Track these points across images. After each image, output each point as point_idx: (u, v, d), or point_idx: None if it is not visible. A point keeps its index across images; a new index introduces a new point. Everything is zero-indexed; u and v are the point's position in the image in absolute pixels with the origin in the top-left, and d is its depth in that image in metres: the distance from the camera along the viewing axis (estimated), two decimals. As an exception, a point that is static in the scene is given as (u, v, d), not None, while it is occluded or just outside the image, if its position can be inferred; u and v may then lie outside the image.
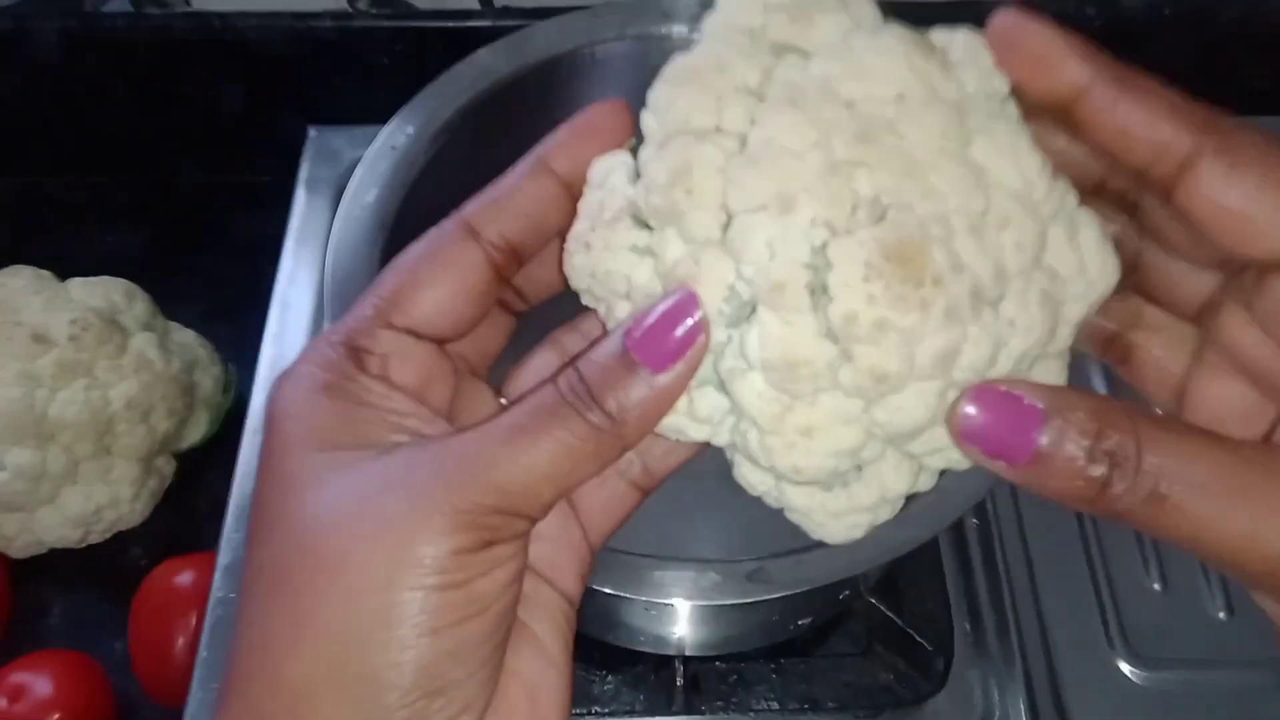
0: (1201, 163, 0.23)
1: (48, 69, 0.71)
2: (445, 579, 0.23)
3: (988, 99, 0.24)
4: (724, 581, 0.40)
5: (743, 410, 0.24)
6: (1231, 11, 0.69)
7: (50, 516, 0.60)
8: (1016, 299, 0.23)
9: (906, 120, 0.23)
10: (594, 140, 0.27)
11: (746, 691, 0.51)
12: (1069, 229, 0.24)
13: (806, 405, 0.23)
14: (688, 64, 0.26)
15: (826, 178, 0.23)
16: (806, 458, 0.24)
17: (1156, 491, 0.21)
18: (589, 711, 0.50)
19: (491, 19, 0.69)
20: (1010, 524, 0.56)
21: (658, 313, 0.24)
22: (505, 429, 0.24)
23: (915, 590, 0.52)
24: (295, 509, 0.24)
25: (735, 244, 0.23)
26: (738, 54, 0.25)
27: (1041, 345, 0.24)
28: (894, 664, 0.51)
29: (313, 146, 0.70)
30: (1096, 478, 0.21)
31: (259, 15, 0.69)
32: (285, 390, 0.26)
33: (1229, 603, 0.53)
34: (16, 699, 0.55)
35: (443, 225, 0.27)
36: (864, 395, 0.23)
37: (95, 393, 0.59)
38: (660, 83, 0.26)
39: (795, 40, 0.25)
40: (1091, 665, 0.51)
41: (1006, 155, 0.24)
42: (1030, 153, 0.24)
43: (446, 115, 0.52)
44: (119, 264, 0.66)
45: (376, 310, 0.26)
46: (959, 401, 0.23)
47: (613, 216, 0.25)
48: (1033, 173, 0.24)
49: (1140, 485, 0.21)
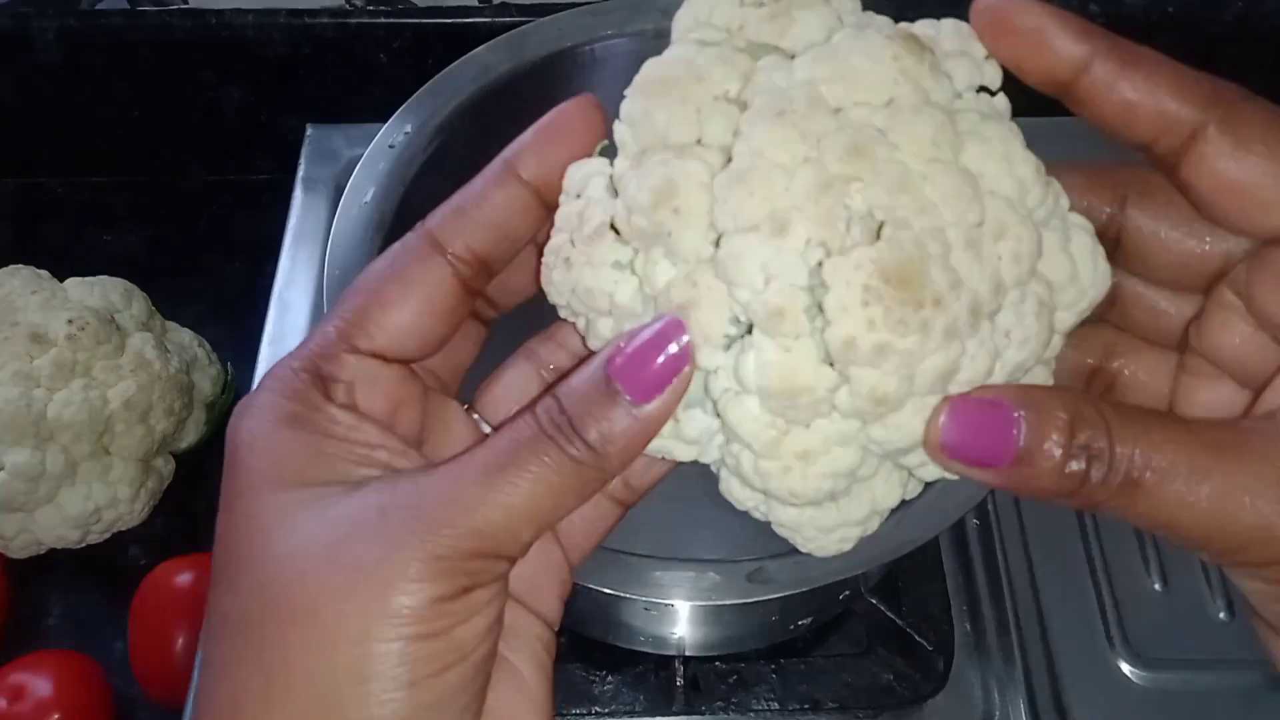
0: (1207, 136, 0.22)
1: (45, 68, 0.71)
2: (423, 629, 0.22)
3: (978, 97, 0.24)
4: (724, 581, 0.40)
5: (736, 434, 0.23)
6: (1231, 11, 0.69)
7: (49, 517, 0.60)
8: (1013, 310, 0.23)
9: (898, 129, 0.22)
10: (564, 143, 0.26)
11: (746, 691, 0.51)
12: (1062, 235, 0.24)
13: (802, 429, 0.23)
14: (661, 72, 0.24)
15: (819, 195, 0.22)
16: (803, 481, 0.23)
17: (1130, 479, 0.21)
18: (589, 712, 0.50)
19: (490, 17, 0.69)
20: (1010, 524, 0.55)
21: (641, 340, 0.23)
22: (482, 467, 0.23)
23: (915, 590, 0.52)
24: (261, 553, 0.23)
25: (727, 268, 0.22)
26: (715, 59, 0.24)
27: (1037, 357, 0.24)
28: (894, 664, 0.51)
29: (311, 145, 0.70)
30: (1075, 473, 0.22)
31: (256, 13, 0.69)
32: (247, 422, 0.24)
33: (1229, 603, 0.53)
34: (16, 699, 0.55)
35: (407, 239, 0.26)
36: (862, 417, 0.23)
37: (93, 393, 0.58)
38: (634, 93, 0.24)
39: (774, 39, 0.24)
40: (1091, 665, 0.51)
41: (999, 160, 0.23)
42: (1023, 156, 0.23)
43: (445, 113, 0.52)
44: (116, 263, 0.66)
45: (340, 334, 0.25)
46: (935, 417, 0.22)
47: (593, 231, 0.24)
48: (1027, 177, 0.23)
49: (1115, 475, 0.22)
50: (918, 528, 0.41)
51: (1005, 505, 0.56)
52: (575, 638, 0.52)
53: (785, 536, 0.26)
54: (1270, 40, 0.70)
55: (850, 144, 0.22)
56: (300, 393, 0.24)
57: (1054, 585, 0.53)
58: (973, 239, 0.22)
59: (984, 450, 0.22)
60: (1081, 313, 0.25)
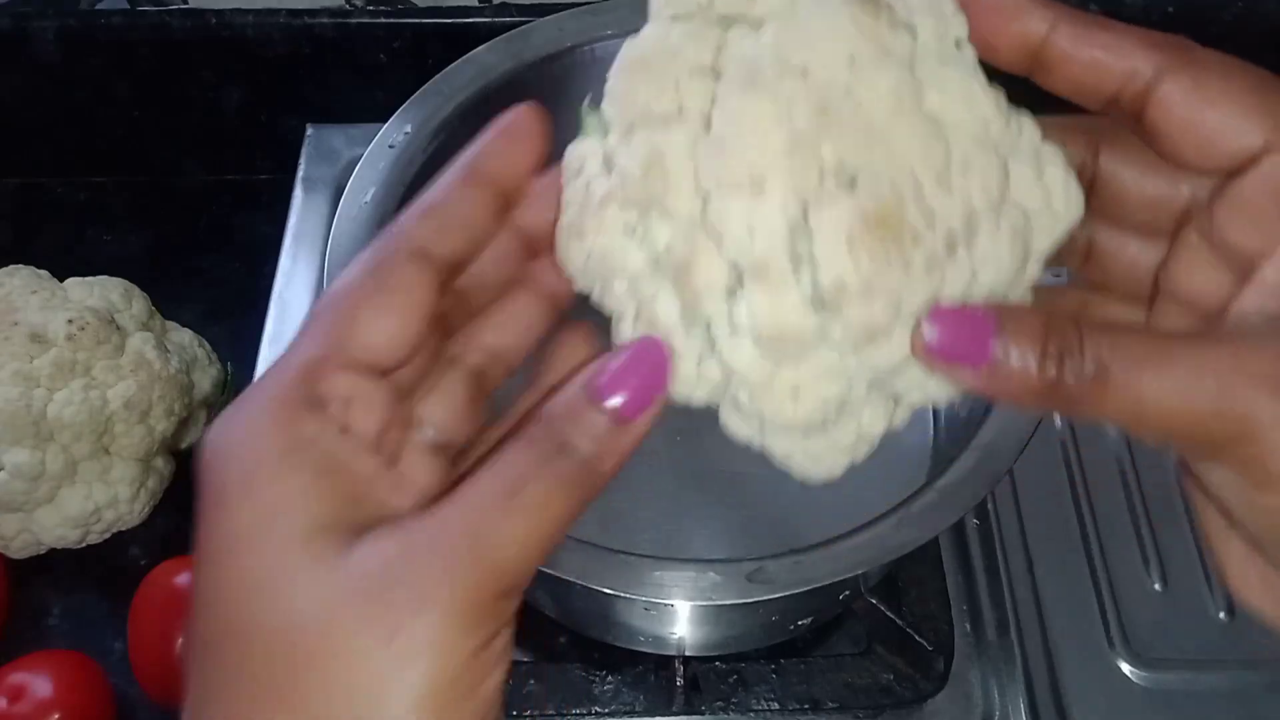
0: (1167, 79, 0.24)
1: (45, 68, 0.71)
2: (461, 688, 0.21)
3: (940, 43, 0.26)
4: (724, 581, 0.40)
5: (734, 372, 0.25)
6: (1231, 11, 0.69)
7: (49, 517, 0.60)
8: (988, 237, 0.25)
9: (861, 85, 0.24)
10: (520, 145, 0.27)
11: (746, 691, 0.51)
12: (1034, 166, 0.26)
13: (793, 365, 0.25)
14: (640, 52, 0.26)
15: (793, 153, 0.24)
16: (795, 410, 0.26)
17: (1102, 369, 0.23)
18: (589, 712, 0.50)
19: (490, 17, 0.69)
20: (1010, 524, 0.55)
21: (623, 359, 0.24)
22: (488, 502, 0.22)
23: (915, 590, 0.52)
24: (271, 609, 0.21)
25: (715, 227, 0.24)
26: (687, 35, 0.26)
27: (1010, 279, 0.25)
28: (894, 664, 0.51)
29: (311, 145, 0.70)
30: (1049, 369, 0.23)
31: (256, 13, 0.69)
32: (236, 454, 0.22)
33: (1229, 603, 0.53)
34: (16, 699, 0.55)
35: (381, 245, 0.25)
36: (855, 348, 0.25)
37: (93, 393, 0.58)
38: (615, 72, 0.27)
39: (743, 10, 0.26)
40: (1091, 665, 0.51)
41: (959, 100, 0.25)
42: (983, 92, 0.25)
43: (445, 113, 0.52)
44: (116, 263, 0.66)
45: (330, 347, 0.23)
46: (919, 326, 0.24)
47: (598, 203, 0.26)
48: (988, 111, 0.25)
49: (1087, 367, 0.23)
50: (918, 527, 0.42)
51: (1005, 505, 0.56)
52: (575, 638, 0.52)
53: (779, 465, 0.28)
54: (1270, 40, 0.70)
55: (817, 103, 0.24)
56: (293, 420, 0.22)
57: (1054, 585, 0.53)
58: (941, 175, 0.24)
59: (964, 348, 0.23)
60: (1058, 238, 0.26)
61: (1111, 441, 0.59)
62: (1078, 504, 0.56)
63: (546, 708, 0.50)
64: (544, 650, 0.52)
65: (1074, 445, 0.58)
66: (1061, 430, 0.59)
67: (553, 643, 0.53)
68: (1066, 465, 0.57)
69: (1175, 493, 0.57)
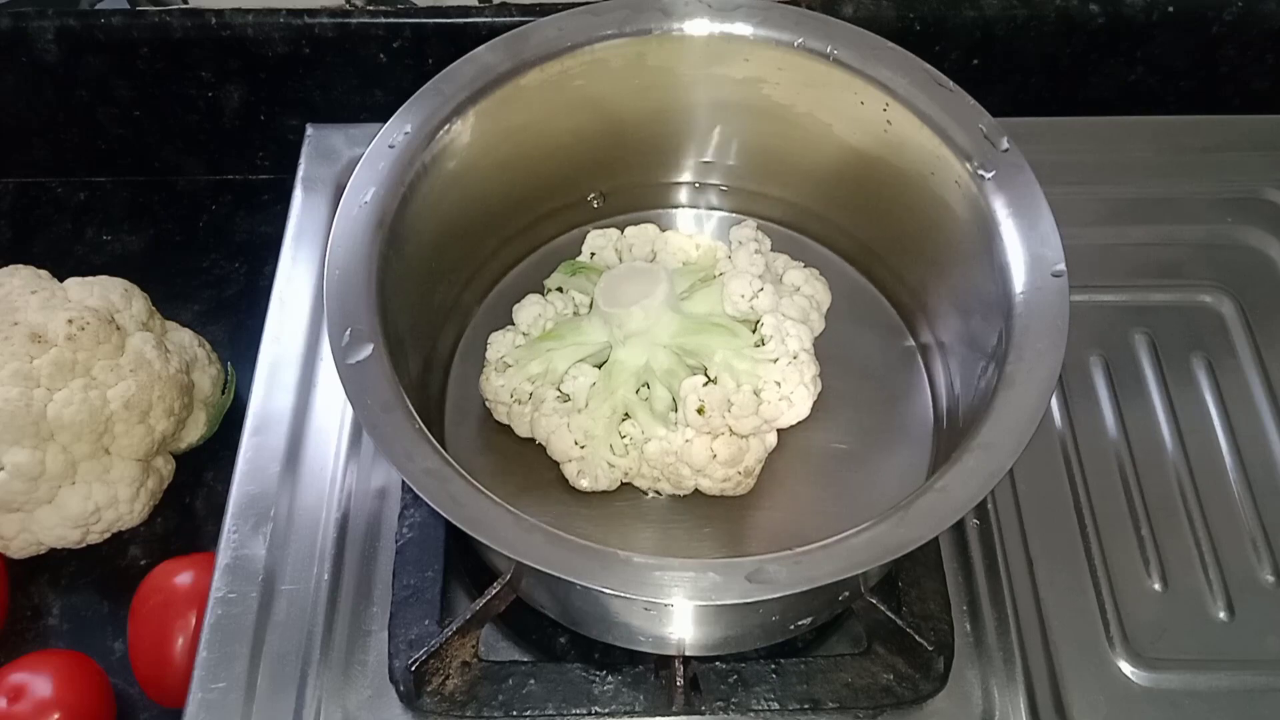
0: None
1: (45, 68, 0.71)
2: None
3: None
4: (724, 581, 0.40)
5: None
6: (1231, 11, 0.69)
7: (49, 517, 0.60)
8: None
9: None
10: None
11: (746, 691, 0.51)
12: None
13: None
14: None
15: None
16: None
17: None
18: (589, 712, 0.50)
19: (490, 17, 0.69)
20: (1010, 524, 0.55)
21: None
22: None
23: (915, 590, 0.52)
24: None
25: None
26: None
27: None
28: (894, 664, 0.51)
29: (311, 144, 0.70)
30: None
31: (256, 13, 0.69)
32: None
33: (1229, 603, 0.53)
34: (16, 699, 0.55)
35: None
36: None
37: (93, 393, 0.58)
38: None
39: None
40: (1091, 665, 0.51)
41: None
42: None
43: (445, 113, 0.52)
44: (116, 263, 0.66)
45: None
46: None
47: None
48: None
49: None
50: (918, 527, 0.42)
51: (1005, 505, 0.56)
52: (575, 638, 0.52)
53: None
54: (1270, 40, 0.70)
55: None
56: None
57: (1054, 585, 0.53)
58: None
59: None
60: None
61: (1111, 441, 0.59)
62: (1078, 504, 0.56)
63: (546, 708, 0.50)
64: (544, 650, 0.52)
65: (1074, 445, 0.58)
66: (1061, 430, 0.59)
67: (553, 643, 0.53)
68: (1066, 465, 0.57)
69: (1175, 493, 0.57)
